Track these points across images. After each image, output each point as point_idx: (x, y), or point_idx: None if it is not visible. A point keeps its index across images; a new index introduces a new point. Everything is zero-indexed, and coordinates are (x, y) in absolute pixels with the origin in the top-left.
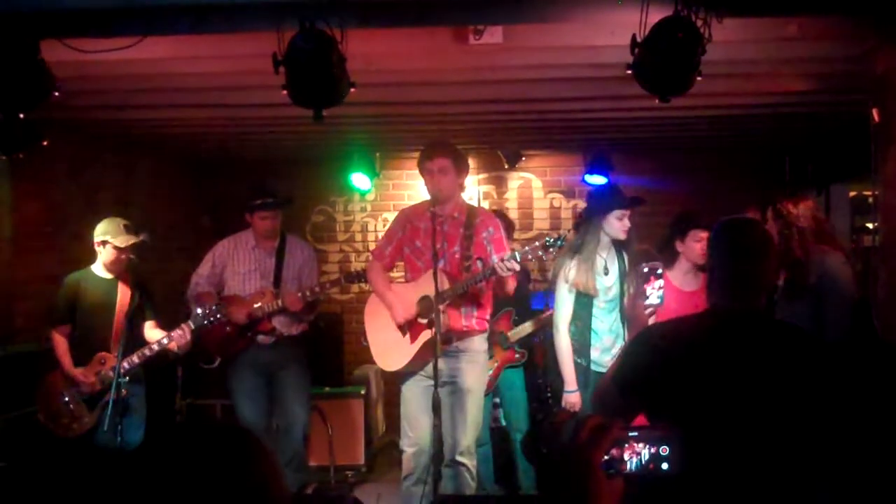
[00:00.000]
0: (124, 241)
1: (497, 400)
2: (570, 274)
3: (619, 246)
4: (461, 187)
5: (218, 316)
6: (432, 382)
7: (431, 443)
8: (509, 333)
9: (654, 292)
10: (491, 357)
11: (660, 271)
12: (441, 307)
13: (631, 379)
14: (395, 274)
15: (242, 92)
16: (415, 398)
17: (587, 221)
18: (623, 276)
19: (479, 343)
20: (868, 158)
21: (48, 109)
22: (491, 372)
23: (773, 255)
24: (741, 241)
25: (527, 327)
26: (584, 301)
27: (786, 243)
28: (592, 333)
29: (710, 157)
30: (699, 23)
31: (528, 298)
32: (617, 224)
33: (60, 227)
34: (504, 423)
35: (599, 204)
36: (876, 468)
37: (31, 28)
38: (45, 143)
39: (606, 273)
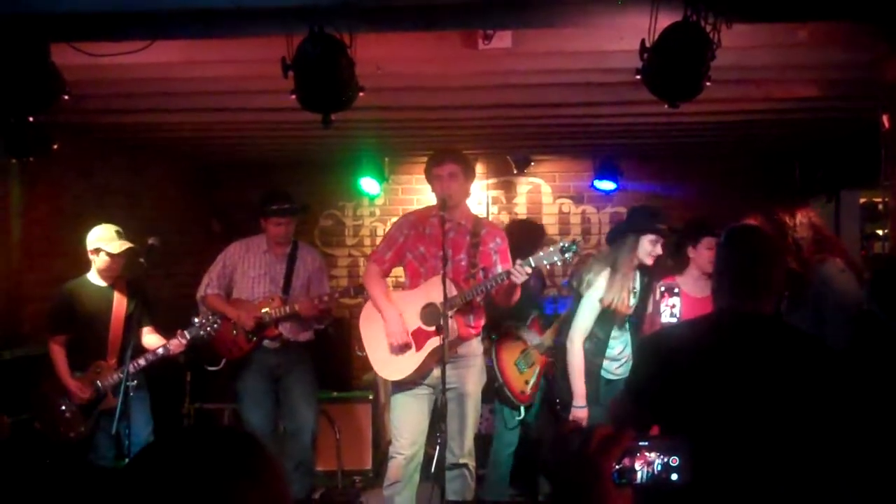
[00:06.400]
0: (117, 247)
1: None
2: (604, 290)
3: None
4: (468, 195)
5: (215, 326)
6: (429, 390)
7: (439, 449)
8: (543, 338)
9: (668, 310)
10: (532, 364)
11: (676, 290)
12: (449, 314)
13: (642, 386)
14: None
15: (251, 96)
16: (408, 406)
17: (622, 237)
18: (643, 293)
19: (476, 347)
20: (878, 165)
21: (58, 113)
22: (534, 379)
23: (782, 262)
24: (750, 245)
25: (551, 333)
26: (608, 316)
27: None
28: (608, 347)
29: (719, 162)
30: (709, 28)
31: (543, 304)
32: (648, 247)
33: (70, 230)
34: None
35: (637, 223)
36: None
37: (42, 31)
38: (55, 146)
39: (635, 295)
